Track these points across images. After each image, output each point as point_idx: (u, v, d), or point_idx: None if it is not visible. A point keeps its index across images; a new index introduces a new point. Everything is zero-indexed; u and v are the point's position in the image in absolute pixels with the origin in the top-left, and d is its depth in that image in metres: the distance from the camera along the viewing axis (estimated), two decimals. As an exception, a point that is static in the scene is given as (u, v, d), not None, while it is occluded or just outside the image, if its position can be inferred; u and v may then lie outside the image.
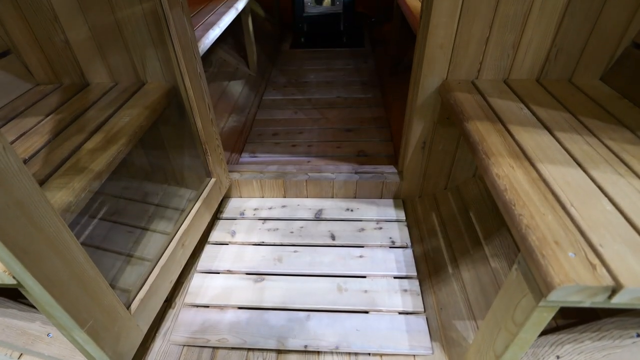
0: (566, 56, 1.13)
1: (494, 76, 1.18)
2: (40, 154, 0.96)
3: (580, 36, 1.09)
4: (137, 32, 1.17)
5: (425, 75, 1.18)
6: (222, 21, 1.83)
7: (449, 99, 1.12)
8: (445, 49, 1.13)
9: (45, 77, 1.32)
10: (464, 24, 1.08)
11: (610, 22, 1.06)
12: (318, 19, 2.98)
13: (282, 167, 1.58)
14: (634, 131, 0.92)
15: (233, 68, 2.59)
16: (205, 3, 2.14)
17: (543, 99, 1.07)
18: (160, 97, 1.20)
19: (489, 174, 0.80)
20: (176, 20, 1.05)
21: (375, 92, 2.35)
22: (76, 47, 1.23)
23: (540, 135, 0.91)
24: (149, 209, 1.58)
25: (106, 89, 1.27)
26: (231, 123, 2.07)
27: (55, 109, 1.16)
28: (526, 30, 1.08)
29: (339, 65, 2.75)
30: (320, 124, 2.04)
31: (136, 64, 1.24)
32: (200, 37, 1.56)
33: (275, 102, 2.29)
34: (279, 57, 2.96)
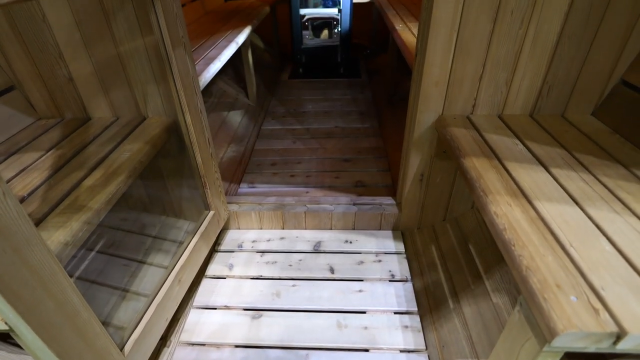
0: (558, 93, 1.16)
1: (488, 111, 1.20)
2: (39, 190, 0.96)
3: (570, 74, 1.12)
4: (140, 68, 1.20)
5: (421, 110, 1.21)
6: (223, 55, 1.88)
7: (445, 134, 1.14)
8: (440, 86, 1.16)
9: (47, 111, 1.34)
10: (458, 63, 1.11)
11: (598, 61, 1.09)
12: (316, 51, 3.07)
13: (281, 199, 1.58)
14: (628, 167, 0.93)
15: (233, 98, 2.64)
16: (207, 37, 2.20)
17: (537, 134, 1.09)
18: (161, 132, 1.21)
19: (488, 212, 0.81)
20: (178, 59, 1.08)
21: (373, 122, 2.39)
22: (79, 82, 1.26)
23: (536, 172, 0.92)
24: (146, 241, 1.57)
25: (107, 123, 1.29)
26: (230, 153, 2.09)
27: (56, 144, 1.17)
28: (518, 68, 1.12)
29: (337, 95, 2.81)
30: (319, 154, 2.06)
31: (138, 99, 1.27)
32: (201, 71, 1.60)
33: (274, 132, 2.32)
34: (278, 88, 3.02)
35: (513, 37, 1.06)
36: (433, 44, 1.09)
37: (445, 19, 1.04)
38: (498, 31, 1.06)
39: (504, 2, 1.01)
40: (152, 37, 1.11)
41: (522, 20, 1.04)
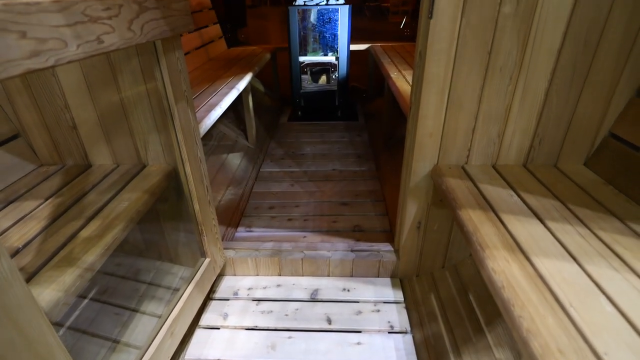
0: (549, 145, 1.19)
1: (482, 161, 1.23)
2: (35, 241, 0.95)
3: (560, 127, 1.16)
4: (143, 118, 1.23)
5: (416, 160, 1.24)
6: (224, 102, 1.94)
7: (440, 184, 1.15)
8: (434, 137, 1.19)
9: (49, 158, 1.36)
10: (451, 115, 1.15)
11: (586, 115, 1.14)
12: (314, 95, 3.17)
13: (278, 245, 1.57)
14: (623, 220, 0.94)
15: (232, 141, 2.69)
16: (210, 83, 2.28)
17: (531, 185, 1.11)
18: (160, 180, 1.22)
19: (485, 268, 0.80)
20: (180, 111, 1.12)
21: (370, 165, 2.43)
22: (82, 130, 1.29)
23: (532, 224, 0.93)
24: (140, 287, 1.54)
25: (108, 171, 1.30)
26: (228, 196, 2.09)
27: (56, 192, 1.18)
28: (509, 122, 1.16)
29: (334, 138, 2.87)
30: (316, 197, 2.07)
31: (139, 147, 1.29)
32: (202, 118, 1.64)
33: (272, 175, 2.35)
34: (277, 130, 3.09)
35: (503, 92, 1.11)
36: (426, 98, 1.13)
37: (437, 76, 1.09)
38: (488, 87, 1.10)
39: (493, 61, 1.07)
40: (156, 90, 1.15)
41: (511, 77, 1.09)
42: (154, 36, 0.85)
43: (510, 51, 1.05)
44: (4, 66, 0.52)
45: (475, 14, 1.00)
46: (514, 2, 0.99)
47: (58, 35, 0.60)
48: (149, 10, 0.83)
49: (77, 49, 0.64)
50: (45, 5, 0.58)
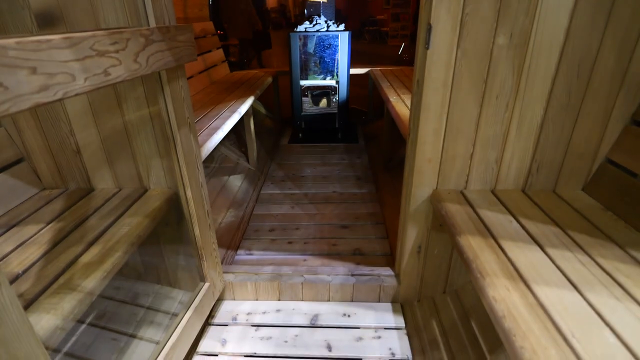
0: (547, 170, 1.20)
1: (481, 187, 1.24)
2: (35, 267, 0.95)
3: (557, 153, 1.18)
4: (146, 144, 1.25)
5: (416, 185, 1.25)
6: (226, 125, 1.97)
7: (440, 209, 1.16)
8: (433, 162, 1.20)
9: (52, 182, 1.37)
10: (449, 142, 1.17)
11: (582, 141, 1.15)
12: (315, 118, 3.22)
13: (278, 268, 1.56)
14: (623, 247, 0.94)
15: (233, 163, 2.71)
16: (212, 106, 2.32)
17: (530, 211, 1.11)
18: (161, 205, 1.23)
19: (486, 297, 0.80)
20: (183, 137, 1.14)
21: (370, 187, 2.44)
22: (86, 155, 1.31)
23: (532, 251, 0.93)
24: (138, 312, 1.52)
25: (110, 195, 1.31)
26: (229, 218, 2.10)
27: (58, 216, 1.19)
28: (506, 148, 1.17)
29: (335, 160, 2.90)
30: (317, 220, 2.07)
31: (141, 171, 1.31)
32: (204, 141, 1.66)
33: (273, 197, 2.35)
34: (277, 152, 3.12)
35: (500, 119, 1.13)
36: (425, 125, 1.15)
37: (434, 103, 1.12)
38: (485, 114, 1.13)
39: (489, 89, 1.09)
40: (159, 116, 1.17)
41: (507, 105, 1.11)
42: (159, 67, 0.88)
43: (505, 80, 1.08)
44: (13, 101, 0.54)
45: (470, 45, 1.03)
46: (507, 34, 1.02)
47: (67, 69, 0.62)
48: (155, 42, 0.86)
49: (84, 82, 0.66)
50: (56, 42, 0.60)
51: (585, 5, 0.98)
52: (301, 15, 3.94)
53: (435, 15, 1.01)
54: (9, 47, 0.53)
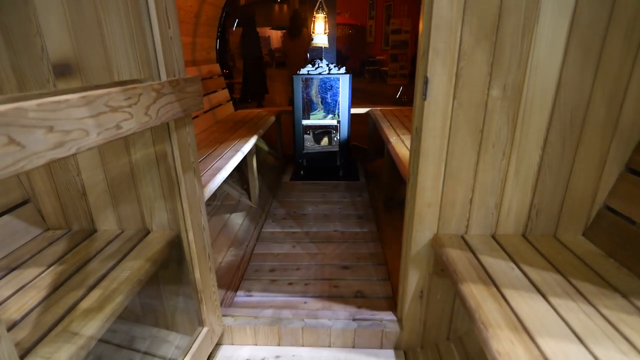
0: (546, 215, 1.21)
1: (482, 231, 1.25)
2: (33, 312, 0.94)
3: (555, 199, 1.19)
4: (151, 186, 1.28)
5: (416, 229, 1.25)
6: (229, 165, 2.01)
7: (441, 255, 1.16)
8: (433, 207, 1.22)
9: (56, 222, 1.39)
10: (448, 187, 1.19)
11: (579, 187, 1.17)
12: (316, 156, 3.27)
13: (278, 312, 1.53)
14: (627, 296, 0.93)
15: (235, 200, 2.73)
16: (216, 145, 2.37)
17: (532, 257, 1.11)
18: (163, 248, 1.24)
19: (490, 350, 0.78)
20: (187, 181, 1.16)
21: (371, 226, 2.44)
22: (91, 197, 1.33)
23: (535, 301, 0.92)
24: (135, 357, 1.48)
25: (112, 236, 1.32)
26: (229, 257, 2.08)
27: (59, 258, 1.19)
28: (505, 193, 1.19)
29: (336, 198, 2.91)
30: (318, 260, 2.05)
31: (145, 213, 1.32)
32: (207, 182, 1.69)
33: (274, 235, 2.35)
34: (279, 189, 3.14)
35: (497, 166, 1.16)
36: (424, 170, 1.18)
37: (433, 150, 1.15)
38: (482, 161, 1.15)
39: (485, 138, 1.13)
40: (165, 159, 1.21)
41: (504, 152, 1.14)
42: (168, 118, 0.92)
43: (501, 129, 1.11)
44: (29, 159, 0.56)
45: (466, 97, 1.08)
46: (501, 86, 1.07)
47: (82, 126, 0.66)
48: (165, 95, 0.91)
49: (97, 136, 0.69)
50: (73, 101, 0.64)
51: (573, 60, 1.04)
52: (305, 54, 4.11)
53: (431, 69, 1.06)
54: (29, 109, 0.56)
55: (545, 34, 1.01)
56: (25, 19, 1.11)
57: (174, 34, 1.04)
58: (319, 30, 3.01)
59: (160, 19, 0.99)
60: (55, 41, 1.12)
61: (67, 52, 1.13)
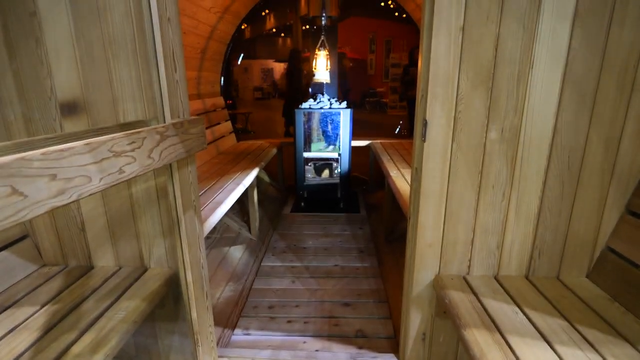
0: (549, 256, 1.20)
1: (484, 272, 1.23)
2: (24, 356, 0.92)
3: (557, 239, 1.18)
4: (151, 223, 1.27)
5: (418, 269, 1.24)
6: (230, 198, 2.01)
7: (443, 297, 1.13)
8: (434, 247, 1.21)
9: (53, 258, 1.37)
10: (449, 227, 1.19)
11: (580, 229, 1.16)
12: (317, 188, 3.28)
13: (276, 353, 1.49)
14: (635, 345, 0.90)
15: (235, 233, 2.71)
16: (218, 178, 2.38)
17: (536, 300, 1.09)
18: (160, 286, 1.22)
19: (495, 405, 0.75)
20: (187, 220, 1.16)
21: (372, 260, 2.41)
22: (90, 233, 1.32)
23: (540, 349, 0.89)
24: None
25: (109, 273, 1.30)
26: (227, 293, 2.04)
27: (55, 296, 1.17)
28: (506, 234, 1.18)
29: (336, 231, 2.89)
30: (317, 296, 2.01)
31: (143, 250, 1.31)
32: (207, 216, 1.69)
33: (273, 270, 2.32)
34: (280, 221, 3.13)
35: (497, 207, 1.16)
36: (424, 210, 1.18)
37: (433, 191, 1.15)
38: (483, 202, 1.16)
39: (485, 179, 1.14)
40: (166, 197, 1.21)
41: (504, 193, 1.15)
42: (171, 160, 0.93)
43: (500, 171, 1.12)
44: (30, 208, 0.57)
45: (464, 139, 1.10)
46: (499, 129, 1.09)
47: (84, 172, 0.67)
48: (169, 137, 0.92)
49: (99, 182, 0.70)
50: (77, 148, 0.65)
51: (568, 106, 1.06)
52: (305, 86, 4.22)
53: (430, 112, 1.09)
54: (34, 159, 0.57)
55: (539, 81, 1.04)
56: (37, 61, 1.15)
57: (179, 77, 1.07)
58: (320, 67, 3.10)
59: (167, 63, 1.03)
60: (64, 81, 1.16)
61: (75, 92, 1.16)
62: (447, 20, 1.01)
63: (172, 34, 1.02)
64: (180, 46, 1.06)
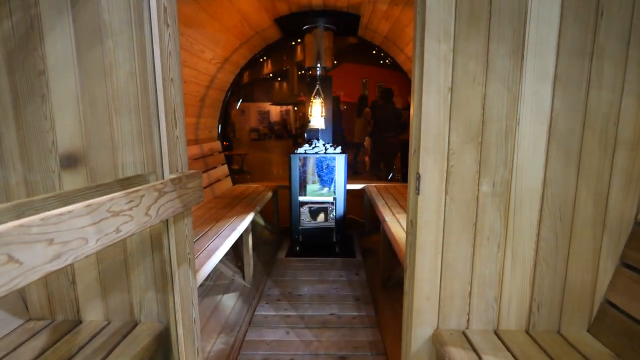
0: (548, 309, 1.18)
1: (483, 326, 1.20)
2: None
3: (555, 292, 1.17)
4: (143, 276, 1.25)
5: (416, 324, 1.21)
6: (224, 245, 1.99)
7: (443, 355, 1.10)
8: (432, 300, 1.19)
9: (40, 312, 1.33)
10: (446, 280, 1.18)
11: (577, 281, 1.16)
12: (313, 232, 3.26)
13: (269, 415, 1.40)
14: (643, 408, 0.87)
15: (229, 280, 2.65)
16: (213, 223, 2.37)
17: (538, 358, 1.06)
18: (150, 343, 1.17)
19: None
20: (181, 274, 1.14)
21: (369, 309, 2.34)
22: (80, 286, 1.29)
23: (546, 414, 0.86)
24: None
25: (97, 329, 1.25)
26: (219, 345, 1.96)
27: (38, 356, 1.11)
28: (504, 286, 1.17)
29: (332, 277, 2.84)
30: (313, 349, 1.93)
31: (134, 304, 1.28)
32: (201, 264, 1.66)
33: (267, 319, 2.24)
34: (274, 266, 3.07)
35: (493, 259, 1.16)
36: (420, 263, 1.17)
37: (428, 243, 1.16)
38: (478, 254, 1.16)
39: (479, 231, 1.15)
40: (160, 251, 1.20)
41: (499, 245, 1.15)
42: (167, 216, 0.94)
43: (494, 223, 1.14)
44: (24, 275, 0.56)
45: (457, 192, 1.12)
46: (490, 183, 1.12)
47: (82, 235, 0.67)
48: (167, 194, 0.94)
49: (95, 243, 0.70)
50: (77, 211, 0.66)
51: (556, 160, 1.10)
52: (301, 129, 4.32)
53: (423, 166, 1.12)
54: (33, 225, 0.58)
55: (526, 138, 1.09)
56: (41, 116, 1.18)
57: (179, 133, 1.10)
58: (315, 114, 3.20)
59: (169, 120, 1.06)
60: (66, 135, 1.18)
61: (77, 145, 1.19)
62: (436, 82, 1.07)
63: (174, 93, 1.07)
64: (181, 104, 1.11)
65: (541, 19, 1.06)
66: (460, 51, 1.07)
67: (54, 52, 1.15)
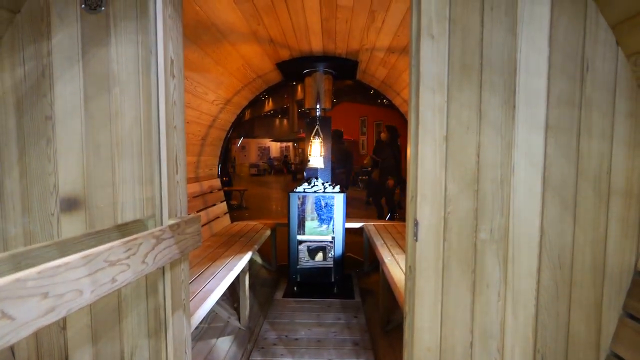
0: (552, 361, 1.15)
1: (487, 379, 1.16)
2: None
3: (559, 342, 1.14)
4: (136, 323, 1.21)
5: (417, 377, 1.16)
6: (220, 286, 1.95)
7: (446, 411, 1.05)
8: (432, 352, 1.15)
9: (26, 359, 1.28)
10: (446, 329, 1.15)
11: (581, 330, 1.13)
12: (311, 271, 3.21)
13: None
14: None
15: (224, 322, 2.57)
16: (210, 263, 2.34)
17: (545, 416, 1.01)
18: (139, 396, 1.12)
19: None
20: (175, 322, 1.11)
21: (368, 355, 2.26)
22: (71, 331, 1.25)
23: None
24: None
25: (84, 379, 1.20)
26: (211, 395, 1.87)
27: (19, 410, 1.06)
28: (506, 337, 1.14)
29: (330, 319, 2.76)
30: (310, 399, 1.84)
31: (125, 352, 1.23)
32: (196, 307, 1.61)
33: (262, 366, 2.15)
34: (271, 307, 2.99)
35: (494, 307, 1.14)
36: (420, 311, 1.15)
37: (428, 291, 1.14)
38: (478, 302, 1.14)
39: (479, 278, 1.14)
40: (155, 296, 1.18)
41: (499, 293, 1.14)
42: (164, 262, 0.93)
43: (493, 270, 1.13)
44: (16, 331, 0.55)
45: (455, 239, 1.12)
46: (488, 230, 1.12)
47: (77, 286, 0.66)
48: (165, 240, 0.94)
49: (90, 294, 0.69)
50: (73, 263, 0.66)
51: (552, 208, 1.11)
52: (301, 164, 4.37)
53: (420, 213, 1.13)
54: (29, 279, 0.57)
55: (522, 184, 1.10)
56: (45, 159, 1.21)
57: (180, 178, 1.12)
58: (315, 153, 3.26)
59: (170, 166, 1.08)
60: (68, 179, 1.20)
61: (77, 188, 1.20)
62: (432, 131, 1.11)
63: (177, 140, 1.10)
64: (183, 150, 1.13)
65: (530, 71, 1.11)
66: (454, 100, 1.12)
67: (63, 97, 1.19)
